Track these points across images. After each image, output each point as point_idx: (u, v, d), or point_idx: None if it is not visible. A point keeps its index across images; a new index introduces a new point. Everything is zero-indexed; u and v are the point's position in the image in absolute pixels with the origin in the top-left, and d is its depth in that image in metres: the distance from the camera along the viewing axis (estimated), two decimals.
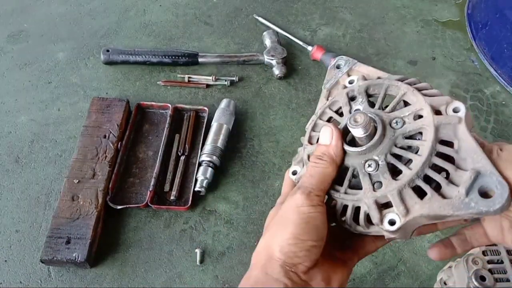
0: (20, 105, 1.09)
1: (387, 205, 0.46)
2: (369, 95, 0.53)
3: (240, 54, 1.17)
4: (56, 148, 1.02)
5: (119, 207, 0.91)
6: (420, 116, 0.47)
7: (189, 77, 1.13)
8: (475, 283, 0.69)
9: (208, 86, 1.13)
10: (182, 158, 0.99)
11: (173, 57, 1.14)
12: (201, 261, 0.88)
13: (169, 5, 1.31)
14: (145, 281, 0.86)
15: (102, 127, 1.00)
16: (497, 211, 0.41)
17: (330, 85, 0.58)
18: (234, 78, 1.13)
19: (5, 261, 0.87)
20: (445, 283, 0.78)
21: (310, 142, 0.54)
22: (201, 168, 0.95)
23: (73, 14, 1.28)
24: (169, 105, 1.04)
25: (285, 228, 0.46)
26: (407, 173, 0.45)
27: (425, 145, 0.45)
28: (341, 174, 0.50)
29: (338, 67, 0.59)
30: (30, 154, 1.01)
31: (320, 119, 0.54)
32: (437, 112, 0.47)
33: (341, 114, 0.53)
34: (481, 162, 0.43)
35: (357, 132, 0.47)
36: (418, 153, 0.45)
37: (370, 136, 0.47)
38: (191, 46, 1.21)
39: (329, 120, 0.54)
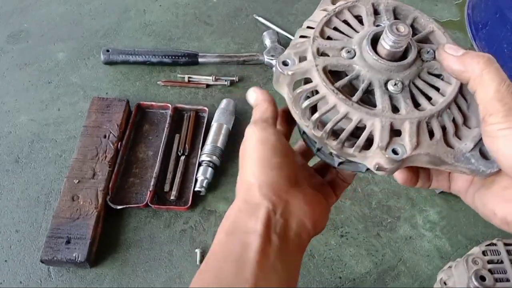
0: (20, 105, 1.09)
1: (394, 132, 0.43)
2: (395, 18, 0.48)
3: (240, 54, 1.17)
4: (56, 148, 1.02)
5: (119, 207, 0.91)
6: None
7: (189, 77, 1.13)
8: (475, 283, 0.69)
9: (208, 86, 1.13)
10: (182, 158, 0.99)
11: (173, 57, 1.14)
12: (201, 261, 0.88)
13: (169, 5, 1.31)
14: (145, 281, 0.86)
15: (102, 127, 1.00)
16: (492, 173, 0.43)
17: None
18: (234, 78, 1.13)
19: (5, 261, 0.87)
20: (445, 283, 0.79)
21: (322, 36, 0.46)
22: (201, 168, 0.96)
23: (73, 14, 1.28)
24: (169, 105, 1.05)
25: (249, 156, 0.47)
26: (429, 108, 0.43)
27: (451, 88, 0.44)
28: (351, 82, 0.44)
29: None
30: (30, 154, 1.01)
31: (337, 17, 0.48)
32: None
33: (360, 22, 0.48)
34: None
35: (393, 44, 0.42)
36: (441, 93, 0.44)
37: (400, 54, 0.43)
38: (191, 46, 1.21)
39: (346, 23, 0.48)
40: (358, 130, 0.43)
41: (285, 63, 0.45)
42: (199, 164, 0.97)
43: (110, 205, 0.91)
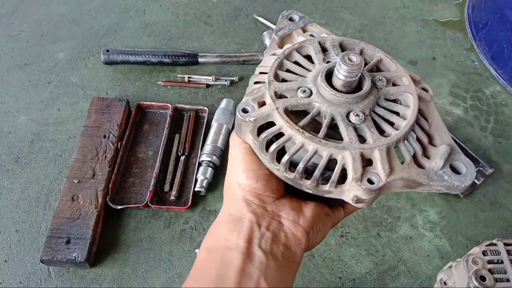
0: (20, 105, 1.09)
1: (365, 162, 0.43)
2: (342, 51, 0.49)
3: (240, 54, 1.17)
4: (56, 148, 1.02)
5: (119, 207, 0.91)
6: (395, 84, 0.48)
7: (189, 77, 1.13)
8: (475, 283, 0.69)
9: (208, 86, 1.13)
10: (182, 158, 0.99)
11: (173, 57, 1.14)
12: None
13: (169, 5, 1.31)
14: (145, 281, 0.86)
15: (102, 127, 1.00)
16: (466, 187, 0.44)
17: (283, 34, 0.55)
18: (234, 78, 1.13)
19: (5, 261, 0.87)
20: (445, 283, 0.79)
21: (276, 79, 0.47)
22: (201, 168, 0.95)
23: (73, 14, 1.28)
24: (169, 105, 1.04)
25: (235, 165, 0.46)
26: (394, 133, 0.44)
27: (410, 110, 0.45)
28: (314, 119, 0.45)
29: (291, 19, 0.57)
30: (30, 154, 1.01)
31: (287, 59, 0.48)
32: None
33: (310, 60, 0.49)
34: (449, 141, 0.46)
35: (348, 74, 0.42)
36: (402, 116, 0.45)
37: (355, 85, 0.44)
38: (191, 46, 1.21)
39: (297, 63, 0.49)
40: (329, 164, 0.43)
41: (245, 110, 0.45)
42: (199, 164, 0.97)
43: (110, 205, 0.91)
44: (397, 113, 0.46)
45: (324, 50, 0.50)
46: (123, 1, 1.31)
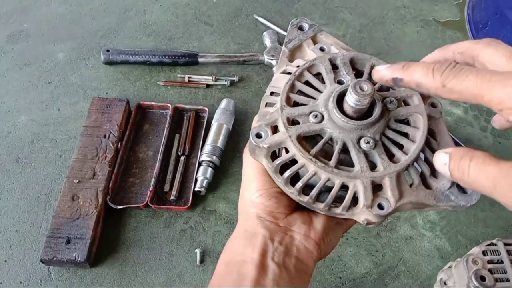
0: (20, 105, 1.09)
1: (376, 188, 0.45)
2: (353, 68, 0.50)
3: (240, 54, 1.17)
4: (56, 148, 1.02)
5: (119, 207, 0.91)
6: (406, 103, 0.48)
7: (189, 77, 1.13)
8: (475, 283, 0.69)
9: (208, 86, 1.13)
10: (182, 158, 0.99)
11: (173, 57, 1.14)
12: (201, 261, 0.88)
13: (169, 5, 1.31)
14: (145, 281, 0.86)
15: (102, 127, 1.00)
16: (472, 205, 0.44)
17: (293, 46, 0.55)
18: (234, 78, 1.13)
19: (5, 261, 0.87)
20: (445, 283, 0.79)
21: (288, 104, 0.47)
22: (201, 168, 0.95)
23: (73, 14, 1.28)
24: (169, 105, 1.04)
25: (249, 184, 0.48)
26: (404, 158, 0.44)
27: (419, 132, 0.45)
28: (325, 149, 0.46)
29: (301, 28, 0.56)
30: (30, 154, 1.01)
31: (298, 80, 0.49)
32: None
33: (321, 80, 0.49)
34: None
35: (359, 102, 0.43)
36: (411, 139, 0.46)
37: (366, 110, 0.44)
38: (191, 46, 1.21)
39: (308, 84, 0.49)
40: (342, 188, 0.44)
41: (258, 136, 0.46)
42: (199, 164, 0.97)
43: (110, 205, 0.91)
44: (407, 135, 0.46)
45: (335, 66, 0.50)
46: (123, 1, 1.31)
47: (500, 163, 0.36)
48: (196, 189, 0.94)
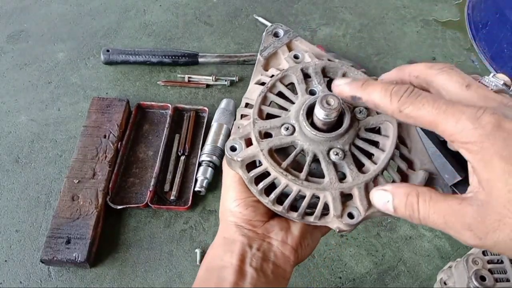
0: (20, 105, 1.09)
1: (346, 197, 0.45)
2: (325, 77, 0.50)
3: (240, 54, 1.17)
4: (56, 148, 1.02)
5: (119, 207, 0.91)
6: (377, 111, 0.48)
7: (189, 77, 1.13)
8: (475, 283, 0.69)
9: (208, 86, 1.13)
10: (182, 158, 0.99)
11: (173, 57, 1.14)
12: (201, 261, 0.88)
13: (169, 5, 1.31)
14: (145, 281, 0.86)
15: (102, 127, 1.00)
16: None
17: (268, 54, 0.55)
18: (234, 78, 1.13)
19: (5, 261, 0.87)
20: (445, 283, 0.79)
21: (261, 117, 0.48)
22: (201, 168, 0.96)
23: (73, 14, 1.28)
24: (169, 105, 1.05)
25: (227, 193, 0.50)
26: (372, 168, 0.45)
27: (389, 141, 0.46)
28: (296, 160, 0.46)
29: (276, 35, 0.56)
30: (30, 154, 1.01)
31: (271, 92, 0.49)
32: None
33: (292, 90, 0.49)
34: (428, 164, 0.47)
35: (326, 116, 0.43)
36: (381, 148, 0.46)
37: (335, 122, 0.45)
38: (191, 46, 1.21)
39: (280, 94, 0.49)
40: (313, 198, 0.46)
41: (233, 148, 0.47)
42: (199, 164, 0.97)
43: (110, 205, 0.91)
44: (377, 143, 0.46)
45: (307, 76, 0.50)
46: (123, 1, 1.31)
47: (448, 199, 0.36)
48: (196, 189, 0.94)
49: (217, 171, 0.97)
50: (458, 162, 0.47)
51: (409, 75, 0.43)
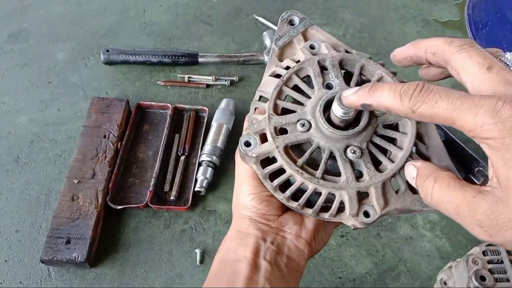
0: (20, 105, 1.09)
1: (362, 195, 0.45)
2: (342, 69, 0.49)
3: (240, 54, 1.17)
4: (56, 148, 1.02)
5: (119, 207, 0.91)
6: None
7: (189, 77, 1.13)
8: (475, 283, 0.69)
9: (208, 86, 1.13)
10: (182, 158, 0.99)
11: (173, 57, 1.14)
12: (201, 261, 0.88)
13: (169, 5, 1.31)
14: (145, 281, 0.86)
15: (102, 127, 1.00)
16: None
17: (283, 43, 0.52)
18: (234, 78, 1.13)
19: (5, 261, 0.87)
20: (445, 283, 0.79)
21: (276, 112, 0.47)
22: (201, 168, 0.95)
23: (73, 14, 1.28)
24: (169, 105, 1.04)
25: (241, 187, 0.51)
26: (390, 167, 0.44)
27: (407, 138, 0.45)
28: (312, 157, 0.45)
29: (291, 23, 0.54)
30: (30, 154, 1.01)
31: (286, 85, 0.48)
32: None
33: (308, 83, 0.48)
34: (445, 161, 0.45)
35: (344, 114, 0.42)
36: (399, 145, 0.45)
37: (354, 119, 0.44)
38: (191, 46, 1.21)
39: (296, 88, 0.48)
40: (329, 194, 0.45)
41: (247, 144, 0.46)
42: (199, 164, 0.97)
43: (110, 205, 0.91)
44: (394, 140, 0.46)
45: (324, 68, 0.48)
46: (123, 1, 1.31)
47: (464, 188, 0.36)
48: (196, 189, 0.94)
49: (217, 171, 0.97)
50: (459, 162, 0.46)
51: (425, 51, 0.41)
